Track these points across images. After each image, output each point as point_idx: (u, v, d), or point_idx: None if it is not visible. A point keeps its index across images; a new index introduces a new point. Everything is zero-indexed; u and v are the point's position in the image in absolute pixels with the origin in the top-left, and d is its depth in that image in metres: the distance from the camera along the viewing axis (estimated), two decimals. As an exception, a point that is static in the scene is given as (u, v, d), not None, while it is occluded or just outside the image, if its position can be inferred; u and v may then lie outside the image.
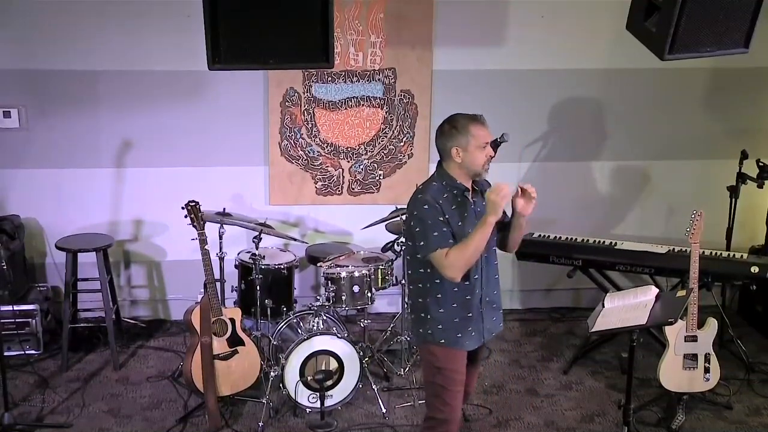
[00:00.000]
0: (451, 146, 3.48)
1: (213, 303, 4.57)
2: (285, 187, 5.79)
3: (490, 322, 3.67)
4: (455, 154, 3.48)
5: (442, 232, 3.42)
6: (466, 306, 3.56)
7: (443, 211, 3.44)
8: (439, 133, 3.55)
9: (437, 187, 3.52)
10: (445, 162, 3.55)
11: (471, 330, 3.59)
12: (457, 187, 3.51)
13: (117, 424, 4.65)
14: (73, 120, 5.50)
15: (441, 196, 3.48)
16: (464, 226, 3.48)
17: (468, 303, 3.56)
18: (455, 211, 3.49)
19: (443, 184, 3.52)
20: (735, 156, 5.41)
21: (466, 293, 3.55)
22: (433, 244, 3.41)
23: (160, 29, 5.37)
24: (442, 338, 3.57)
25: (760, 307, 5.80)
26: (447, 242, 3.41)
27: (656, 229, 6.05)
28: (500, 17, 5.63)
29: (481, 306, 3.60)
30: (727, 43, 3.54)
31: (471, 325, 3.59)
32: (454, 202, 3.50)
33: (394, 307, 5.92)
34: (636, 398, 4.78)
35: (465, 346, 3.61)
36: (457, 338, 3.58)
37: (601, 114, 5.91)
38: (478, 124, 3.50)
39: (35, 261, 5.74)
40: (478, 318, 3.60)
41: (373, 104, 5.72)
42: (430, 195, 3.48)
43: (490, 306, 3.66)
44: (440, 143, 3.54)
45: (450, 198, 3.50)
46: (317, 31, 3.54)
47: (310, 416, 4.66)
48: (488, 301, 3.64)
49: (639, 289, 3.76)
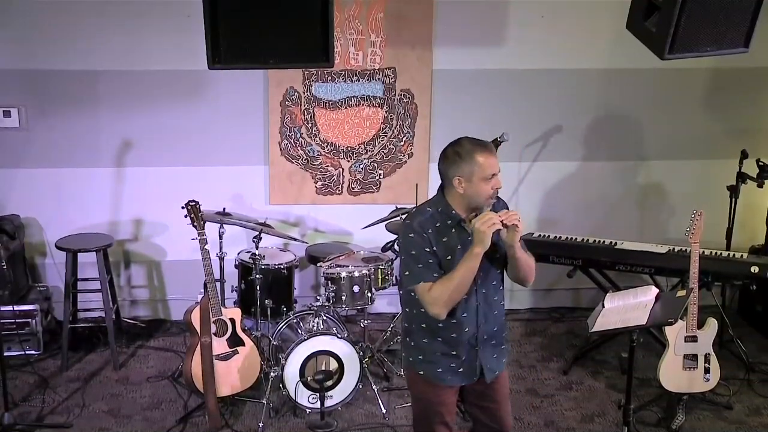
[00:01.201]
0: (453, 175, 3.16)
1: (213, 303, 4.57)
2: (285, 186, 5.79)
3: (489, 360, 3.39)
4: (457, 184, 3.16)
5: (427, 264, 3.18)
6: (451, 343, 3.31)
7: (431, 242, 3.18)
8: (443, 157, 3.22)
9: (430, 214, 3.24)
10: (447, 189, 3.24)
11: (456, 366, 3.35)
12: (452, 217, 3.22)
13: (117, 424, 4.65)
14: (73, 120, 5.50)
15: (432, 224, 3.21)
16: (453, 260, 3.19)
17: (454, 341, 3.31)
18: (445, 243, 3.21)
19: (438, 211, 3.24)
20: (735, 156, 5.41)
21: (452, 331, 3.29)
22: (417, 277, 3.19)
23: (160, 29, 5.37)
24: (421, 369, 3.38)
25: (760, 307, 5.80)
26: (431, 276, 3.18)
27: (656, 229, 6.05)
28: (500, 17, 5.63)
29: (475, 344, 3.34)
30: (727, 43, 3.53)
31: (455, 362, 3.34)
32: (446, 233, 3.22)
33: (394, 307, 5.92)
34: (636, 398, 4.78)
35: (446, 381, 3.37)
36: (437, 372, 3.36)
37: (601, 114, 5.91)
38: (486, 152, 3.15)
39: (35, 261, 5.74)
40: (469, 356, 3.34)
41: (373, 104, 5.72)
42: (418, 223, 3.21)
43: (488, 343, 3.38)
44: (442, 169, 3.22)
45: (442, 228, 3.22)
46: (317, 30, 3.53)
47: (310, 416, 4.66)
48: (485, 339, 3.36)
49: (639, 289, 3.75)
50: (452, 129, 5.70)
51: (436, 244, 3.20)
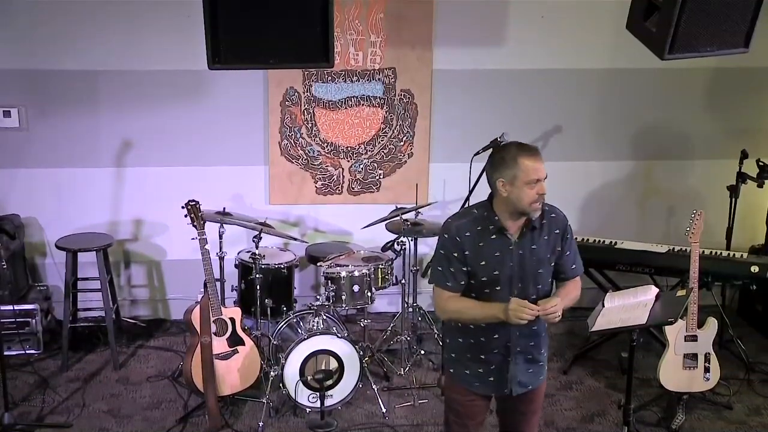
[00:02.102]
0: (497, 178, 3.12)
1: (213, 303, 4.57)
2: (285, 186, 5.79)
3: (522, 374, 3.30)
4: (501, 187, 3.11)
5: (449, 271, 3.18)
6: (480, 347, 3.27)
7: (462, 247, 3.15)
8: (489, 160, 3.23)
9: (474, 217, 3.20)
10: (493, 193, 3.20)
11: (484, 373, 3.30)
12: (494, 223, 3.16)
13: (117, 424, 4.64)
14: (73, 120, 5.51)
15: (472, 227, 3.17)
16: (487, 266, 3.15)
17: (483, 345, 3.26)
18: (481, 248, 3.16)
19: (483, 215, 3.19)
20: (735, 156, 5.42)
21: (481, 335, 3.25)
22: (438, 279, 3.22)
23: (160, 29, 5.37)
24: (452, 367, 3.40)
25: (760, 307, 5.80)
26: (445, 284, 3.19)
27: (656, 229, 6.06)
28: (500, 17, 5.63)
29: (507, 354, 3.26)
30: (727, 43, 3.53)
31: (484, 368, 3.29)
32: (485, 238, 3.16)
33: (394, 306, 5.92)
34: (636, 398, 4.78)
35: (473, 387, 3.34)
36: (464, 374, 3.34)
37: (601, 114, 5.91)
38: (532, 156, 3.09)
39: (35, 261, 5.74)
40: (500, 365, 3.28)
41: (373, 104, 5.72)
42: (456, 226, 3.19)
43: (523, 357, 3.29)
44: (488, 172, 3.19)
45: (482, 232, 3.16)
46: (317, 31, 3.53)
47: (310, 416, 4.66)
48: (519, 352, 3.27)
49: (639, 289, 3.75)
50: (452, 129, 5.78)
51: (471, 247, 3.16)
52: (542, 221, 3.22)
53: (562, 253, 3.28)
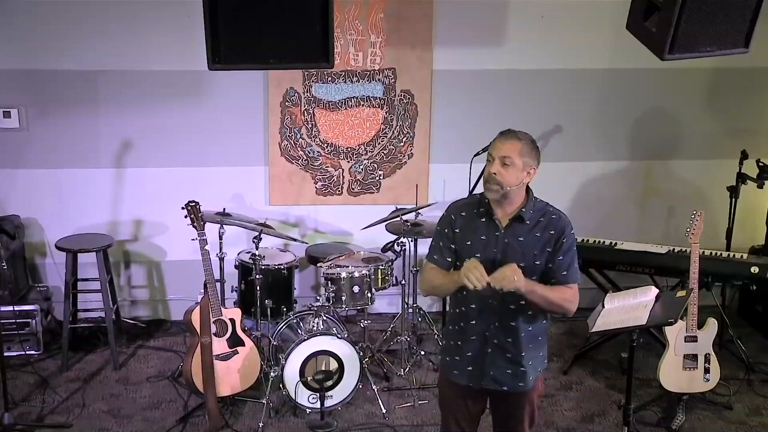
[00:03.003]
0: None
1: (213, 303, 4.57)
2: (285, 187, 5.79)
3: (497, 370, 3.27)
4: None
5: (438, 246, 3.27)
6: (460, 333, 3.30)
7: (453, 225, 3.24)
8: None
9: (473, 200, 3.30)
10: None
11: (461, 360, 3.31)
12: (484, 206, 3.22)
13: (117, 424, 4.64)
14: (73, 120, 5.50)
15: (467, 209, 3.25)
16: (471, 246, 3.20)
17: (462, 331, 3.29)
18: (470, 229, 3.22)
19: (479, 199, 3.26)
20: (735, 156, 5.42)
21: (461, 319, 3.29)
22: (429, 252, 3.32)
23: (160, 29, 5.37)
24: (441, 354, 3.50)
25: (760, 307, 5.80)
26: (432, 256, 3.28)
27: (656, 229, 6.06)
28: (500, 17, 5.63)
29: (485, 344, 3.25)
30: (727, 43, 3.53)
31: (461, 355, 3.31)
32: (474, 219, 3.23)
33: (394, 307, 5.92)
34: (636, 398, 4.78)
35: (452, 376, 3.36)
36: (446, 361, 3.40)
37: (601, 114, 5.91)
38: (501, 135, 3.19)
39: (35, 261, 5.74)
40: (476, 355, 3.27)
41: (373, 104, 5.72)
42: (456, 205, 3.31)
43: (501, 353, 3.25)
44: None
45: (475, 214, 3.23)
46: (317, 31, 3.54)
47: (310, 416, 4.66)
48: (497, 345, 3.24)
49: (639, 289, 3.75)
50: (452, 129, 5.78)
51: (462, 226, 3.24)
52: (539, 218, 3.22)
53: (554, 255, 3.18)
